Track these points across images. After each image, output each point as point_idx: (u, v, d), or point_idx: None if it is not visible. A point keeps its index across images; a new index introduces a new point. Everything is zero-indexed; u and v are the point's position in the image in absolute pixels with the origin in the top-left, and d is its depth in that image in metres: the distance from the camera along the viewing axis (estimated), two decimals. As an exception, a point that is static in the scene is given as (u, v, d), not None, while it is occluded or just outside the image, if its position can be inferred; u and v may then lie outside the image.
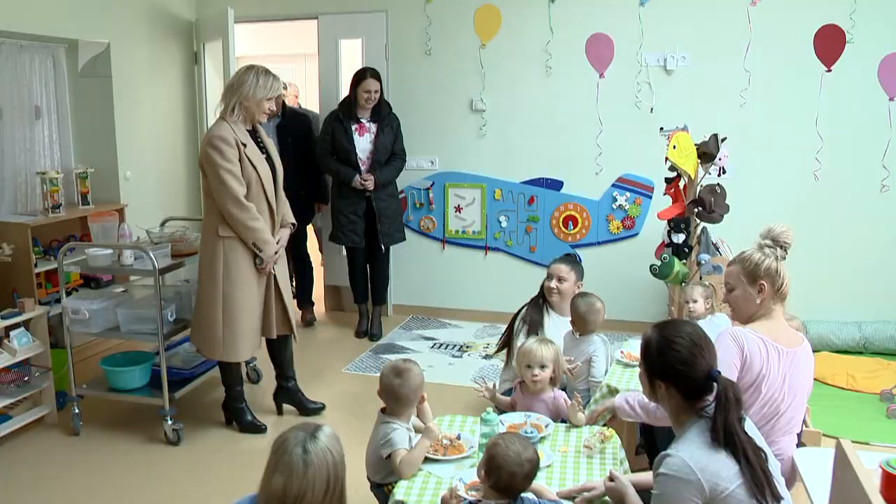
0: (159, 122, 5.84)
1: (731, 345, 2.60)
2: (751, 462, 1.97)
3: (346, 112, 5.36)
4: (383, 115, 5.39)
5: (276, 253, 3.83)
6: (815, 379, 4.53)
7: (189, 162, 6.19)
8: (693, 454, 1.97)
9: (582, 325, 3.62)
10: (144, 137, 5.66)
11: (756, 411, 2.59)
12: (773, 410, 2.61)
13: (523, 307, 4.00)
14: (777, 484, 2.03)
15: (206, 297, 3.79)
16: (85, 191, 5.09)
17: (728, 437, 1.98)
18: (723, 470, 1.95)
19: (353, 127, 5.35)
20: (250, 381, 4.73)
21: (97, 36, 5.14)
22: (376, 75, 5.30)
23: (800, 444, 2.91)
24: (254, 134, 3.85)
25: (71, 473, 3.63)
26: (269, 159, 3.87)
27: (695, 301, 3.68)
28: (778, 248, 2.77)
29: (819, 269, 5.20)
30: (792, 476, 2.72)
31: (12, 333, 3.92)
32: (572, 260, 4.01)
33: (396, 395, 2.71)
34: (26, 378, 3.97)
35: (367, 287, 5.76)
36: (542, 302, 3.93)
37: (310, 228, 6.15)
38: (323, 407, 4.30)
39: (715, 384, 2.05)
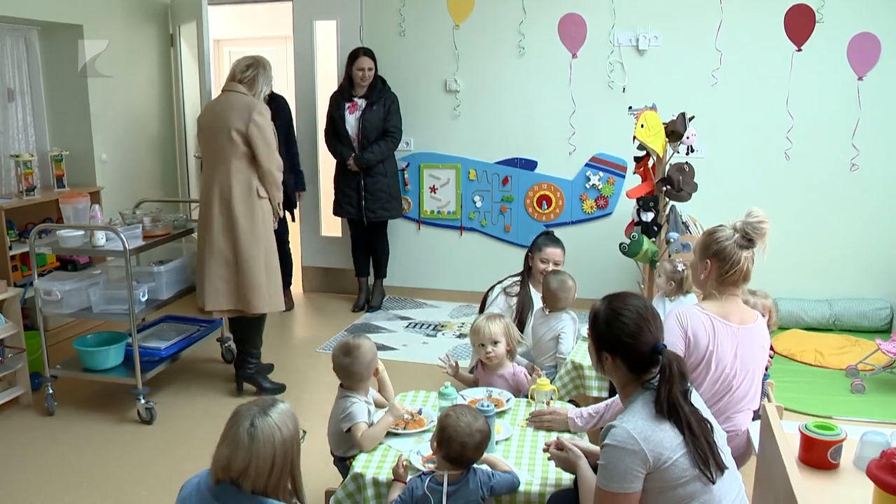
0: (135, 104, 5.83)
1: (674, 327, 2.63)
2: (694, 432, 2.00)
3: (342, 91, 5.51)
4: (376, 91, 5.46)
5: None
6: (783, 355, 4.70)
7: (166, 144, 6.20)
8: (637, 425, 2.00)
9: (553, 302, 3.66)
10: (120, 120, 5.66)
11: (708, 388, 2.63)
12: (726, 387, 2.65)
13: (498, 283, 4.07)
14: (722, 454, 2.07)
15: (248, 253, 4.01)
16: (60, 173, 5.10)
17: (671, 408, 2.01)
18: (666, 440, 1.98)
19: (346, 105, 5.48)
20: (225, 360, 4.78)
21: (70, 18, 5.12)
22: (369, 53, 5.42)
23: (756, 419, 2.97)
24: None
25: (45, 453, 3.68)
26: None
27: (658, 276, 3.72)
28: (739, 235, 2.70)
29: (790, 247, 5.26)
30: (747, 450, 2.78)
31: (-15, 315, 3.95)
32: (560, 241, 4.07)
33: (350, 373, 2.76)
34: (0, 359, 4.00)
35: (367, 261, 5.90)
36: (527, 280, 4.01)
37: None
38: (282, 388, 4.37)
39: (660, 357, 2.07)
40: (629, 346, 2.09)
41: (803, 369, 4.61)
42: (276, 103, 5.40)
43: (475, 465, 2.30)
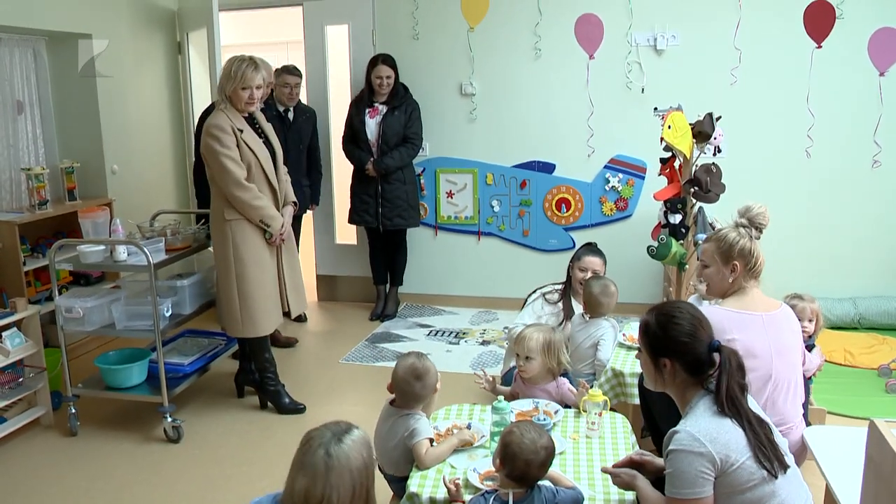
0: (145, 113, 5.73)
1: None
2: (755, 430, 2.01)
3: (363, 97, 5.46)
4: (398, 98, 5.41)
5: (282, 226, 3.94)
6: (812, 355, 4.63)
7: (177, 153, 6.10)
8: (701, 427, 1.99)
9: (594, 307, 3.63)
10: (130, 130, 5.55)
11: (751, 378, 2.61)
12: (766, 373, 2.63)
13: (539, 289, 4.11)
14: (784, 454, 2.05)
15: (222, 278, 3.94)
16: (71, 186, 5.00)
17: (730, 402, 2.02)
18: (732, 441, 1.97)
19: (367, 111, 5.42)
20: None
21: (78, 27, 5.02)
22: (389, 61, 5.36)
23: (806, 423, 2.92)
24: (252, 120, 3.95)
25: (70, 475, 3.56)
26: (267, 143, 3.97)
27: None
28: (753, 229, 2.82)
29: (812, 245, 5.22)
30: (802, 453, 2.73)
31: (4, 334, 3.82)
32: (601, 252, 4.07)
33: (416, 396, 2.69)
34: (20, 379, 3.89)
35: (385, 269, 5.83)
36: (569, 290, 4.01)
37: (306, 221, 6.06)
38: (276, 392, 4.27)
39: (717, 354, 2.10)
40: (687, 347, 2.12)
41: (835, 369, 4.56)
42: (303, 115, 5.29)
43: (538, 482, 2.23)
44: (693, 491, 1.94)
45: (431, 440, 2.62)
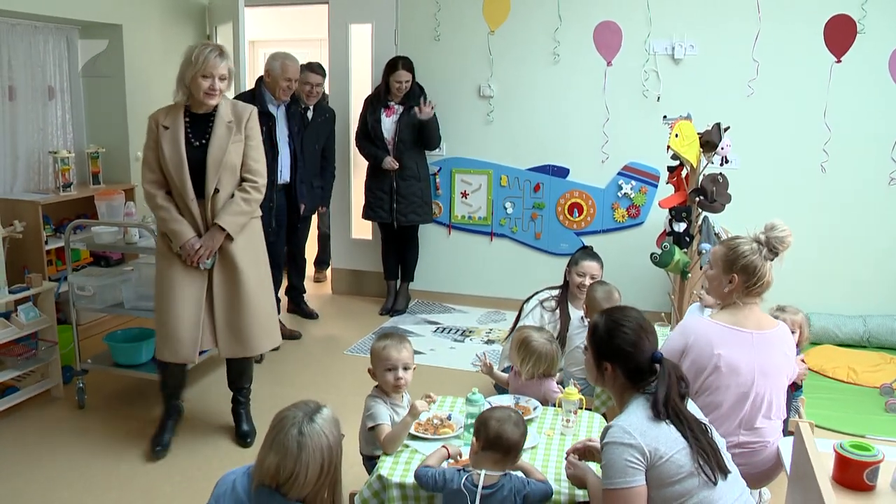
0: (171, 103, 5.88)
1: (676, 336, 2.76)
2: (697, 436, 2.05)
3: (379, 97, 5.53)
4: (414, 97, 5.49)
5: (194, 249, 3.37)
6: (814, 371, 4.61)
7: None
8: (632, 422, 2.07)
9: (596, 312, 3.64)
10: (156, 119, 5.72)
11: (725, 393, 2.64)
12: (745, 393, 2.64)
13: (535, 294, 4.09)
14: (724, 458, 2.09)
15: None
16: (96, 170, 5.18)
17: (667, 409, 2.07)
18: (661, 436, 2.03)
19: (382, 110, 5.50)
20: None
21: (110, 17, 5.20)
22: (408, 66, 5.42)
23: (787, 434, 2.93)
24: (207, 119, 3.46)
25: (75, 445, 3.72)
26: (202, 148, 3.41)
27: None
28: (766, 249, 2.73)
29: (824, 261, 5.18)
30: (776, 465, 2.74)
31: (20, 308, 4.01)
32: (598, 256, 4.08)
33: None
34: (33, 351, 4.05)
35: (396, 265, 5.92)
36: (566, 295, 4.03)
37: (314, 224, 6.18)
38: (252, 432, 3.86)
39: (658, 366, 2.15)
40: (629, 356, 2.17)
41: (836, 386, 4.53)
42: (322, 115, 5.38)
43: (510, 471, 2.29)
44: (624, 480, 2.00)
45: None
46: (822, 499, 1.80)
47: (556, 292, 4.06)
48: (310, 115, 5.26)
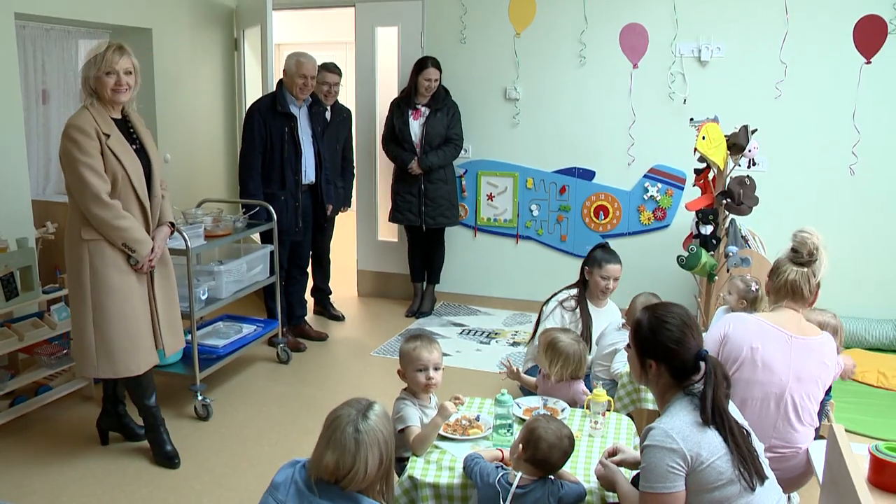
0: (199, 106, 5.96)
1: (715, 329, 2.81)
2: (737, 441, 2.04)
3: (406, 98, 5.57)
4: (440, 100, 5.52)
5: (152, 251, 3.37)
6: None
7: (227, 146, 6.32)
8: (675, 425, 2.04)
9: None
10: (184, 121, 5.79)
11: (757, 391, 2.66)
12: (779, 396, 2.65)
13: (553, 296, 4.06)
14: (762, 464, 2.08)
15: (75, 308, 3.36)
16: (126, 172, 5.23)
17: (715, 412, 2.05)
18: (704, 441, 2.01)
19: (410, 112, 5.54)
20: (280, 360, 4.84)
21: (140, 22, 5.27)
22: (437, 64, 5.48)
23: (818, 438, 2.91)
24: (126, 123, 3.39)
25: (106, 445, 3.78)
26: (141, 151, 3.39)
27: (729, 294, 3.67)
28: (791, 251, 2.92)
29: (853, 264, 5.13)
30: (807, 471, 2.73)
31: (53, 308, 4.07)
32: (618, 257, 4.02)
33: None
34: (65, 351, 4.11)
35: (423, 267, 5.95)
36: (584, 294, 4.01)
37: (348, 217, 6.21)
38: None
39: (703, 363, 2.12)
40: (674, 353, 2.14)
41: (865, 390, 4.48)
42: (340, 115, 5.42)
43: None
44: (664, 485, 1.99)
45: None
46: (859, 501, 1.80)
47: (573, 291, 4.01)
48: (328, 115, 5.31)
